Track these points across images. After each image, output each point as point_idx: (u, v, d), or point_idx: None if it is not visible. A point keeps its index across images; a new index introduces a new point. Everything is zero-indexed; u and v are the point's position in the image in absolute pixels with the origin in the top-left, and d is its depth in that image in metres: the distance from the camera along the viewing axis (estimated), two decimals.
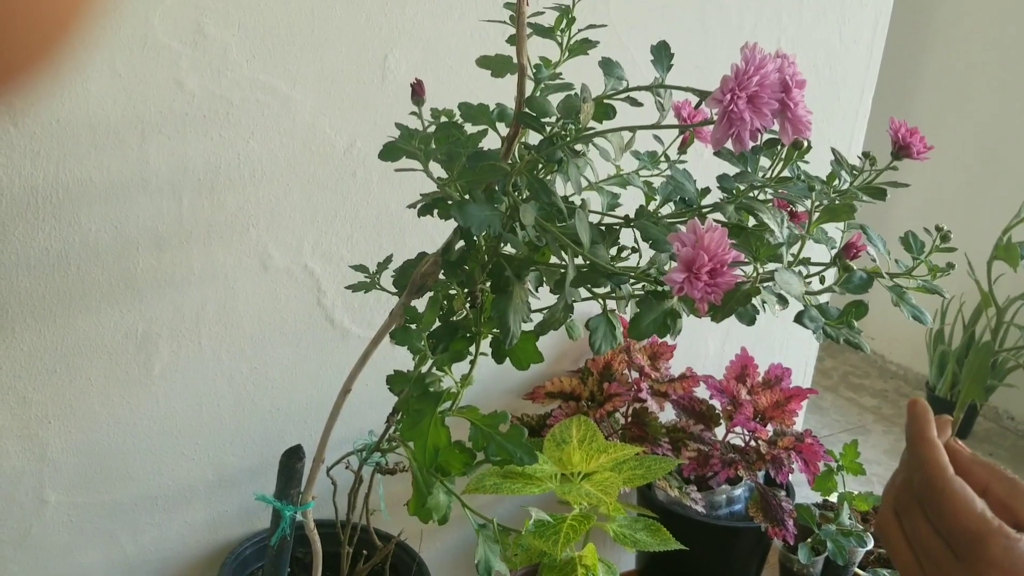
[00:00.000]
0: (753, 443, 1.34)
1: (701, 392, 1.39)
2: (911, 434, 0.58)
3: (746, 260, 0.68)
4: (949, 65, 3.06)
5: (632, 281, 0.79)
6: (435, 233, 1.17)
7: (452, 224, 0.86)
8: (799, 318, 0.67)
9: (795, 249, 0.71)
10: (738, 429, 1.35)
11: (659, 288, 0.74)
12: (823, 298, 0.76)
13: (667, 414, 1.37)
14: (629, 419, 1.32)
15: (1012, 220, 0.71)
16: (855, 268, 0.70)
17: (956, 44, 3.03)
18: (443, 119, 0.90)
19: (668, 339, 0.76)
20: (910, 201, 2.90)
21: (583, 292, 0.83)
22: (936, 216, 3.02)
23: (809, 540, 1.37)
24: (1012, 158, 2.92)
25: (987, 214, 2.94)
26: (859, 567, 1.41)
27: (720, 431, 1.37)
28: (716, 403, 1.37)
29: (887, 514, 0.58)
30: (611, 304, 0.83)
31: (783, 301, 0.71)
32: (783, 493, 1.34)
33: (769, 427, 1.36)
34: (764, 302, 0.70)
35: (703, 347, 1.52)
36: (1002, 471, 0.59)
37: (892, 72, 2.77)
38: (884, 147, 0.84)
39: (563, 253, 0.78)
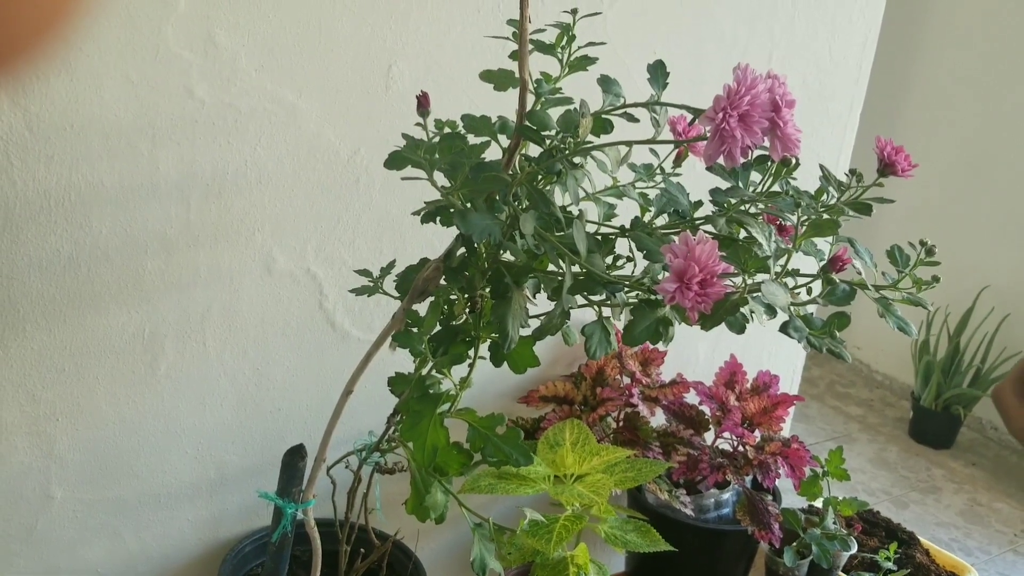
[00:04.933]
0: (741, 448, 1.37)
1: (691, 398, 1.42)
2: None
3: (735, 272, 0.72)
4: (935, 81, 3.10)
5: (626, 289, 0.82)
6: (435, 240, 1.20)
7: (452, 231, 0.89)
8: (784, 328, 0.71)
9: (782, 262, 0.74)
10: (727, 434, 1.39)
11: (652, 297, 0.77)
12: (810, 308, 0.80)
13: (658, 419, 1.41)
14: (621, 423, 1.35)
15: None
16: (838, 281, 0.74)
17: (942, 60, 3.08)
18: (447, 130, 0.93)
19: (660, 345, 0.80)
20: (896, 214, 2.95)
21: (579, 299, 0.86)
22: (921, 228, 3.06)
23: (795, 544, 1.40)
24: (996, 172, 2.97)
25: (972, 226, 2.99)
26: (843, 571, 1.44)
27: (709, 436, 1.41)
28: (705, 409, 1.40)
29: (1005, 385, 0.72)
30: (605, 312, 0.86)
31: (771, 311, 0.75)
32: (770, 497, 1.38)
33: (757, 433, 1.40)
34: (752, 312, 0.73)
35: (693, 354, 1.55)
36: None
37: (880, 87, 2.82)
38: (871, 161, 0.88)
39: (561, 261, 0.82)
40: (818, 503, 1.49)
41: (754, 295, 0.71)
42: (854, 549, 1.41)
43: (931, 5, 3.07)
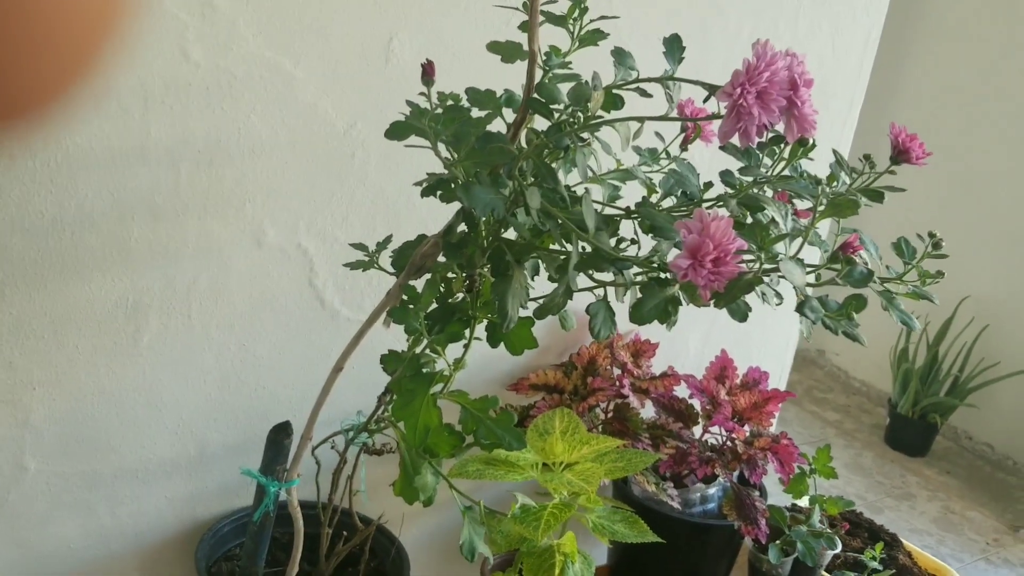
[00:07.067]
0: (730, 443, 1.36)
1: (681, 391, 1.41)
2: None
3: (750, 249, 0.70)
4: (921, 88, 3.12)
5: (634, 269, 0.80)
6: (429, 218, 1.17)
7: (448, 211, 0.86)
8: (800, 308, 0.69)
9: (797, 244, 0.73)
10: (714, 429, 1.37)
11: (662, 275, 0.76)
12: (813, 293, 0.78)
13: (647, 411, 1.39)
14: (610, 414, 1.33)
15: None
16: (857, 261, 0.72)
17: (929, 68, 3.09)
18: (450, 103, 0.90)
19: (666, 327, 0.78)
20: (879, 222, 2.96)
21: (584, 281, 0.84)
22: (904, 236, 3.07)
23: (779, 541, 1.39)
24: (979, 182, 2.99)
25: (953, 236, 3.00)
26: (826, 570, 1.43)
27: (697, 430, 1.39)
28: (695, 402, 1.39)
29: None
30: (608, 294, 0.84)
31: (779, 296, 0.73)
32: (756, 493, 1.37)
33: (746, 427, 1.38)
34: (763, 294, 0.72)
35: (684, 347, 1.54)
36: None
37: (869, 88, 2.83)
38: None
39: (566, 239, 0.79)
40: (802, 501, 1.48)
41: (768, 276, 0.69)
42: (839, 548, 1.41)
43: (922, 11, 3.09)
